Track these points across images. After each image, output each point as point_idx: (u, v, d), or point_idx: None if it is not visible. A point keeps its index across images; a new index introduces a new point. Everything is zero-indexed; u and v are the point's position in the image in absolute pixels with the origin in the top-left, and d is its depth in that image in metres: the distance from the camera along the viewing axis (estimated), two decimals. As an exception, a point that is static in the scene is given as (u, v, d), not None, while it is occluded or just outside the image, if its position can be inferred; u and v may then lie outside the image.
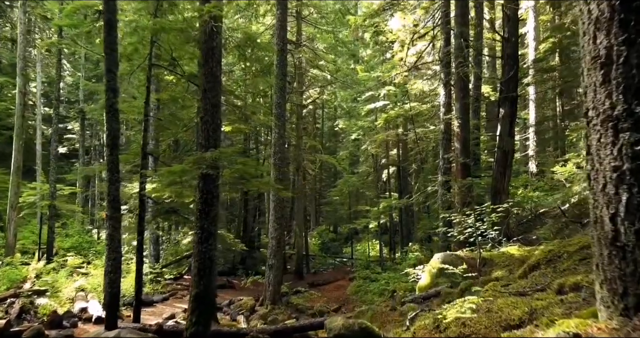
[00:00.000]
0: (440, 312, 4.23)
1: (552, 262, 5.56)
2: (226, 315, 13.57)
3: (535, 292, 4.18)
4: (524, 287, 4.61)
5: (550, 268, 5.38)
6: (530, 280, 5.03)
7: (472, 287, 6.91)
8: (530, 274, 5.50)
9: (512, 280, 6.12)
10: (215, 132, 7.14)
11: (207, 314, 6.85)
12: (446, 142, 13.58)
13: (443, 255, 8.90)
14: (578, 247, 5.46)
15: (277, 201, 14.60)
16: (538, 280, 4.85)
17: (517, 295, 4.21)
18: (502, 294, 4.40)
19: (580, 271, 4.79)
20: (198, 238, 6.99)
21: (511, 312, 3.40)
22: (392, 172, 28.02)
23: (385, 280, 17.51)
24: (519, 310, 3.34)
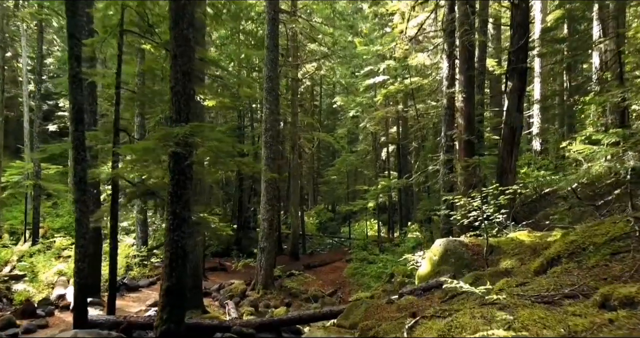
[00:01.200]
0: (448, 324, 3.42)
1: (575, 256, 4.74)
2: (215, 300, 12.90)
3: (565, 299, 3.37)
4: (547, 289, 3.80)
5: (574, 263, 4.56)
6: (551, 279, 4.22)
7: (479, 281, 6.13)
8: (550, 270, 4.68)
9: (527, 275, 5.32)
10: (187, 105, 6.24)
11: (180, 310, 6.09)
12: (449, 117, 12.65)
13: (445, 241, 8.11)
14: (607, 238, 4.63)
15: (269, 181, 13.77)
16: (562, 280, 4.04)
17: (541, 302, 3.40)
18: (522, 299, 3.60)
19: (614, 269, 3.97)
20: (169, 225, 6.17)
21: (540, 332, 2.59)
22: (392, 150, 27.13)
23: (382, 263, 16.85)
24: (552, 331, 2.53)
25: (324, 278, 17.46)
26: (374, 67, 22.65)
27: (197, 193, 10.76)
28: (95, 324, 7.77)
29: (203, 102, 10.12)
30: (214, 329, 7.65)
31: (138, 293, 13.01)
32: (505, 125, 11.87)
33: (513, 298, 3.78)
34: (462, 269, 7.56)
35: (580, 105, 18.36)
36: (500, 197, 7.91)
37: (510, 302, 3.55)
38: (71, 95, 7.52)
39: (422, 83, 19.84)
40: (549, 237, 7.32)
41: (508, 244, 7.67)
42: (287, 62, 19.98)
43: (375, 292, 13.82)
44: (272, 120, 13.86)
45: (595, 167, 6.81)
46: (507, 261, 6.89)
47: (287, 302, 13.34)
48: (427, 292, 7.17)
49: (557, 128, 24.44)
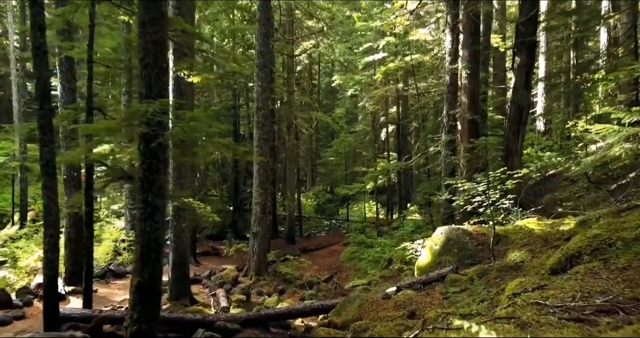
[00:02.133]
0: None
1: (600, 253, 4.10)
2: (205, 288, 12.36)
3: (599, 315, 2.74)
4: (573, 297, 3.17)
5: (599, 263, 3.92)
6: (574, 282, 3.59)
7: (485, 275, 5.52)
8: (572, 270, 4.04)
9: (541, 272, 4.68)
10: (159, 79, 5.51)
11: (153, 308, 5.49)
12: (451, 95, 11.89)
13: (447, 230, 7.48)
14: (638, 233, 3.99)
15: (261, 164, 13.09)
16: (589, 284, 3.40)
17: (570, 318, 2.76)
18: (544, 313, 2.97)
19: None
20: (140, 214, 5.51)
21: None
22: (391, 130, 26.37)
23: (380, 247, 16.29)
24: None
25: (320, 263, 16.94)
26: (374, 43, 21.74)
27: (182, 176, 10.10)
28: (68, 318, 7.21)
29: (188, 78, 9.36)
30: (197, 324, 7.08)
31: (125, 280, 12.46)
32: (512, 103, 11.15)
33: (532, 309, 3.15)
34: (466, 260, 6.96)
35: (589, 83, 17.55)
36: (507, 181, 7.26)
37: (530, 317, 2.91)
38: (35, 70, 6.78)
39: (423, 60, 18.98)
40: (562, 226, 6.70)
41: (516, 233, 7.04)
42: (282, 38, 19.07)
43: (372, 278, 13.30)
44: (265, 98, 13.09)
45: (615, 149, 6.13)
46: (515, 253, 6.27)
47: (280, 289, 12.82)
48: (427, 286, 6.57)
49: (563, 107, 23.67)
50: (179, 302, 10.08)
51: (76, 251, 11.13)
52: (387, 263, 14.47)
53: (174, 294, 10.16)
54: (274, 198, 21.78)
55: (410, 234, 15.51)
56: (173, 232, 10.18)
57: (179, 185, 10.00)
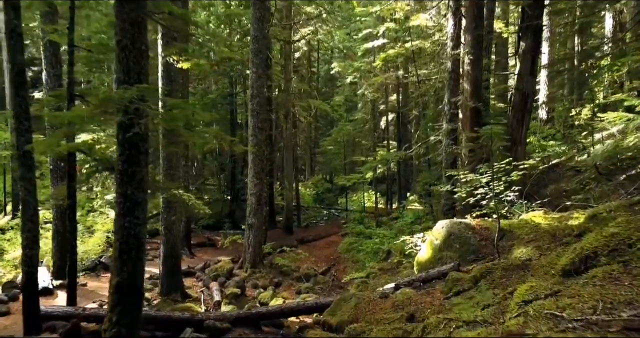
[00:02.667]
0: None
1: (619, 254, 3.71)
2: (199, 281, 12.03)
3: (630, 333, 2.37)
4: (594, 309, 2.79)
5: (619, 266, 3.53)
6: (593, 288, 3.21)
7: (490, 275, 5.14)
8: (588, 273, 3.65)
9: (552, 273, 4.31)
10: (138, 63, 5.07)
11: (134, 310, 5.13)
12: (453, 82, 11.43)
13: (449, 224, 7.10)
14: (662, 233, 3.60)
15: (256, 153, 12.68)
16: (611, 292, 3.02)
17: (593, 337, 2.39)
18: (562, 328, 2.59)
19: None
20: (119, 209, 5.12)
21: None
22: (391, 119, 25.91)
23: (379, 238, 15.96)
24: None
25: (317, 254, 16.62)
26: (373, 30, 21.19)
27: (173, 167, 9.69)
28: (50, 316, 6.87)
29: (177, 64, 8.90)
30: (185, 323, 6.73)
31: (116, 273, 12.13)
32: (516, 90, 10.71)
33: (547, 322, 2.77)
34: (468, 256, 6.59)
35: (595, 70, 17.07)
36: (512, 173, 6.86)
37: (546, 334, 2.52)
38: (10, 54, 6.34)
39: (423, 46, 18.46)
40: (570, 220, 6.31)
41: (521, 228, 6.66)
42: (279, 23, 18.51)
43: (371, 271, 12.99)
44: (260, 85, 12.63)
45: (629, 138, 5.72)
46: (521, 249, 5.89)
47: (276, 282, 12.49)
48: (427, 284, 6.21)
49: (567, 95, 23.18)
50: (171, 296, 9.75)
51: (64, 244, 10.76)
52: (385, 255, 14.16)
53: (165, 289, 9.83)
54: (271, 187, 21.41)
55: (410, 225, 15.17)
56: (164, 224, 9.81)
57: (170, 176, 9.60)
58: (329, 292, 12.24)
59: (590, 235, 4.27)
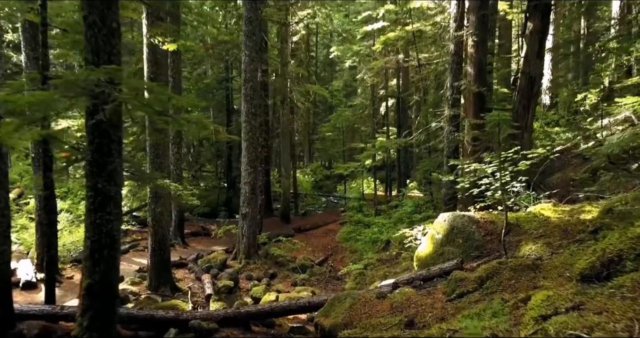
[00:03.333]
0: None
1: (648, 259, 3.25)
2: (191, 272, 11.62)
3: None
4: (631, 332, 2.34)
5: (650, 273, 3.07)
6: (622, 302, 2.76)
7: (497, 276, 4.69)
8: (613, 281, 3.19)
9: (568, 276, 3.85)
10: (108, 42, 4.54)
11: (108, 314, 4.69)
12: (456, 66, 10.87)
13: (451, 217, 6.63)
14: (700, 236, 3.12)
15: (250, 140, 12.17)
16: (646, 309, 2.58)
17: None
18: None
19: None
20: (90, 204, 4.66)
21: None
22: (391, 104, 25.31)
23: (378, 228, 15.54)
24: None
25: (315, 244, 16.21)
26: (373, 12, 20.50)
27: (161, 155, 9.19)
28: (25, 316, 6.44)
29: (162, 46, 8.36)
30: (169, 323, 6.31)
31: (105, 265, 11.73)
32: (522, 74, 10.17)
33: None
34: (472, 252, 6.14)
35: (603, 53, 16.46)
36: (520, 162, 6.37)
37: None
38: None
39: (424, 29, 17.80)
40: (582, 214, 5.83)
41: (529, 221, 6.20)
42: (275, 3, 17.82)
43: (369, 261, 12.59)
44: (253, 69, 12.06)
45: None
46: (530, 245, 5.44)
47: (271, 273, 12.11)
48: (428, 283, 5.76)
49: (571, 80, 22.57)
50: (160, 290, 9.36)
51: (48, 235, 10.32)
52: (384, 245, 13.76)
53: (154, 283, 9.42)
54: (267, 175, 20.95)
55: (409, 214, 14.73)
56: (151, 215, 9.36)
57: (157, 165, 9.12)
58: (326, 283, 11.86)
59: (612, 235, 3.80)
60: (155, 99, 4.68)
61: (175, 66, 14.11)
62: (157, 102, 4.67)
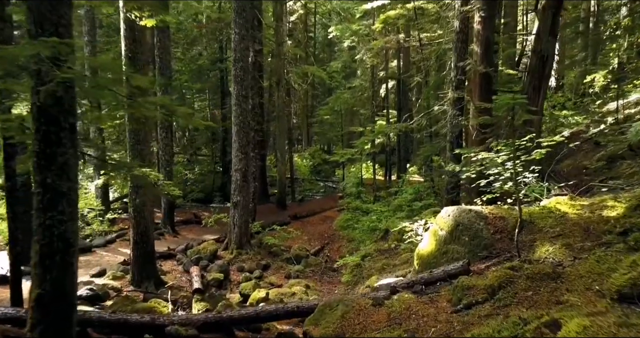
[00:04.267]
0: None
1: None
2: (179, 264, 11.05)
3: None
4: None
5: None
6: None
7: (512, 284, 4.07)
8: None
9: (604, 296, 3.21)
10: (55, 10, 3.81)
11: (64, 328, 4.09)
12: (461, 44, 10.09)
13: (456, 211, 5.98)
14: None
15: (241, 124, 11.46)
16: None
17: None
18: None
19: None
20: (39, 202, 4.00)
21: None
22: (391, 86, 24.49)
23: (377, 215, 14.94)
24: None
25: (311, 231, 15.65)
26: (373, -12, 19.50)
27: (142, 141, 8.50)
28: (-13, 321, 5.84)
29: (139, 21, 7.59)
30: (144, 328, 5.72)
31: (89, 256, 11.14)
32: (533, 53, 9.40)
33: None
34: (480, 252, 5.50)
35: (616, 30, 15.62)
36: (535, 151, 5.68)
37: None
38: None
39: (426, 6, 16.89)
40: (605, 209, 5.18)
41: (544, 218, 5.55)
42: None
43: (367, 251, 12.01)
44: (243, 48, 11.28)
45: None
46: (546, 247, 4.80)
47: (264, 264, 11.53)
48: (430, 287, 5.13)
49: (580, 61, 21.70)
50: (143, 285, 8.78)
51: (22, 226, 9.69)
52: (383, 234, 13.16)
53: (137, 277, 8.84)
54: (263, 160, 20.26)
55: (410, 202, 14.10)
56: (132, 206, 8.72)
57: (137, 152, 8.44)
58: (321, 275, 11.30)
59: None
60: (113, 79, 3.97)
61: (163, 45, 13.31)
62: (111, 82, 3.96)
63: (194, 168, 26.27)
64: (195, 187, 22.68)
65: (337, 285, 10.52)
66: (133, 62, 8.26)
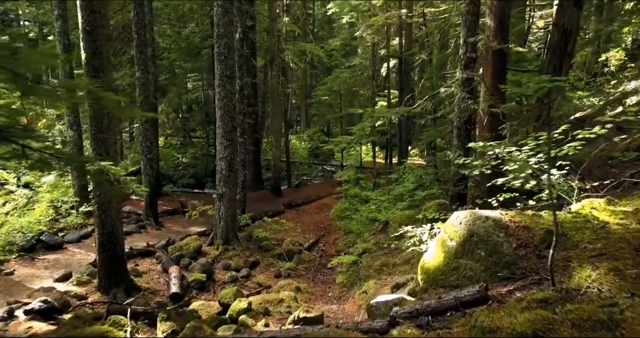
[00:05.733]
0: None
1: None
2: (158, 263, 10.06)
3: None
4: None
5: None
6: None
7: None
8: None
9: None
10: None
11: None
12: (471, 17, 8.89)
13: (469, 218, 4.93)
14: None
15: (226, 107, 10.34)
16: None
17: None
18: None
19: None
20: None
21: None
22: (393, 65, 23.19)
23: (376, 205, 13.92)
24: None
25: (306, 222, 14.67)
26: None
27: (104, 129, 7.40)
28: None
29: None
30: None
31: (59, 254, 10.16)
32: (555, 27, 8.21)
33: None
34: (500, 271, 4.47)
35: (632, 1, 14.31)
36: (568, 145, 4.59)
37: None
38: None
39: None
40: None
41: (579, 229, 4.50)
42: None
43: (365, 246, 11.03)
44: (227, 23, 10.07)
45: None
46: (587, 271, 3.78)
47: (252, 261, 10.58)
48: (438, 319, 4.11)
49: (591, 38, 20.30)
50: (111, 292, 7.80)
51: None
52: (382, 226, 12.17)
53: (104, 283, 7.85)
54: (257, 144, 19.14)
55: (411, 191, 13.04)
56: (96, 203, 7.67)
57: (99, 142, 7.35)
58: (315, 274, 10.35)
59: None
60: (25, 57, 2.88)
61: (140, 20, 12.08)
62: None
63: (187, 151, 25.16)
64: (186, 171, 21.61)
65: (332, 286, 9.57)
66: (92, 36, 7.11)
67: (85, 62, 7.24)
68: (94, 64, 7.24)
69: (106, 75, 7.40)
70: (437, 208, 9.89)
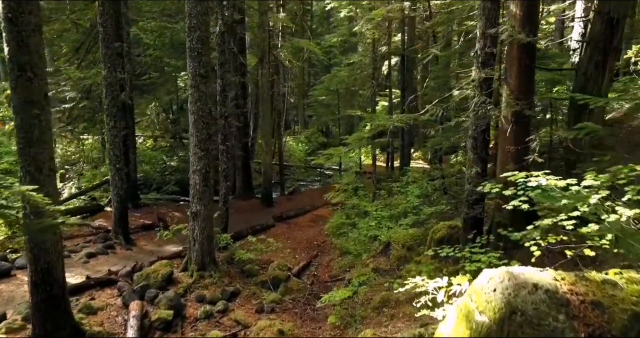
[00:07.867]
0: None
1: None
2: (119, 295, 8.54)
3: None
4: None
5: None
6: None
7: None
8: None
9: None
10: None
11: None
12: (491, 4, 7.32)
13: (508, 283, 3.39)
14: None
15: (200, 112, 8.83)
16: None
17: None
18: None
19: None
20: None
21: None
22: (395, 63, 21.67)
23: (377, 220, 12.37)
24: None
25: (298, 238, 13.18)
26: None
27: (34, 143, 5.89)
28: None
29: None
30: None
31: (4, 283, 8.59)
32: (598, 15, 6.67)
33: None
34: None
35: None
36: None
37: None
38: None
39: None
40: None
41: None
42: None
43: (362, 272, 9.55)
44: (201, 13, 8.54)
45: None
46: None
47: (232, 291, 9.07)
48: None
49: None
50: None
51: None
52: (383, 248, 10.68)
53: (38, 332, 6.35)
54: (246, 150, 17.62)
55: (416, 207, 11.49)
56: (27, 231, 6.17)
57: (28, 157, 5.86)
58: (303, 309, 8.81)
59: None
60: None
61: (106, 11, 10.55)
62: None
63: (176, 154, 23.64)
64: (172, 177, 20.10)
65: (323, 326, 8.06)
66: (15, 26, 5.61)
67: (9, 57, 5.76)
68: (20, 60, 5.76)
69: (37, 74, 5.90)
70: (448, 232, 8.41)
